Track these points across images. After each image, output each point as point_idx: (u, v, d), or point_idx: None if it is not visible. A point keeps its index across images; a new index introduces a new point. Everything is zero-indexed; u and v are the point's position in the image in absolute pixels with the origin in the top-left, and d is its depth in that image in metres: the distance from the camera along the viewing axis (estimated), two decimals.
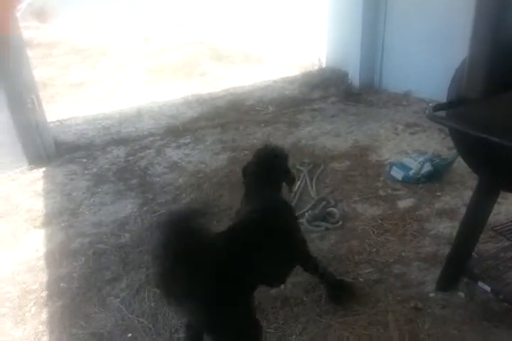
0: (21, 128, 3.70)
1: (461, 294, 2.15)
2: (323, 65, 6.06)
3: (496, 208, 2.12)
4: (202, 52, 7.82)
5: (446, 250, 2.46)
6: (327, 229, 2.81)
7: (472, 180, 3.15)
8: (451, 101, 1.75)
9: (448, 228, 2.69)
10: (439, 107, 1.72)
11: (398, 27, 4.98)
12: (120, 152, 4.13)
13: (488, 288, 1.94)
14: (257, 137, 4.29)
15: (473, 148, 1.75)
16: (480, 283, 1.98)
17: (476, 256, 2.24)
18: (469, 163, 1.86)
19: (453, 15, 4.33)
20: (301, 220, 2.87)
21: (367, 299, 2.21)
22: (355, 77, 5.43)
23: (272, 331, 2.09)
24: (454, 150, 3.53)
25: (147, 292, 2.40)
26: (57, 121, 4.68)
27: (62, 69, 6.98)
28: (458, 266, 2.08)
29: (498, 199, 2.09)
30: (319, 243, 2.70)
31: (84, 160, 3.98)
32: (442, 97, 4.91)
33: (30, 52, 3.97)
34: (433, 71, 4.63)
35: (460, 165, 3.35)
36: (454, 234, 2.56)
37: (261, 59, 7.11)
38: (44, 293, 2.45)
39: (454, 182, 3.17)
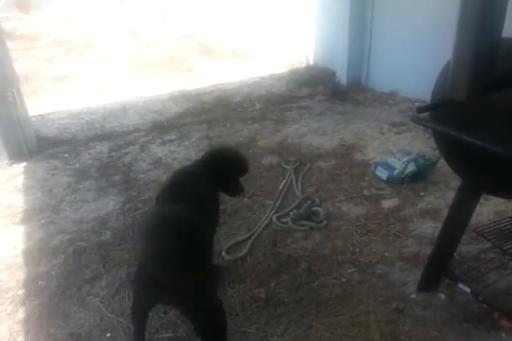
0: (1, 123, 3.61)
1: (442, 295, 2.16)
2: (311, 63, 6.05)
3: (477, 209, 2.14)
4: (189, 47, 7.73)
5: (428, 250, 2.48)
6: (311, 228, 2.81)
7: (455, 181, 3.16)
8: (434, 103, 1.74)
9: (430, 228, 2.71)
10: (423, 109, 1.72)
11: (385, 26, 4.99)
12: (103, 148, 4.06)
13: (468, 290, 1.96)
14: (244, 134, 4.26)
15: (456, 150, 1.75)
16: (460, 285, 1.99)
17: (457, 257, 2.26)
18: (451, 164, 1.87)
19: (440, 14, 4.33)
20: (285, 219, 2.87)
21: (349, 300, 2.21)
22: (342, 76, 5.43)
23: (254, 331, 2.08)
24: (438, 151, 3.59)
25: (127, 291, 2.36)
26: (39, 115, 4.57)
27: (44, 62, 6.82)
28: (439, 267, 2.09)
29: (480, 201, 2.11)
30: (303, 242, 2.69)
31: (67, 155, 3.90)
32: (428, 97, 4.95)
33: (11, 44, 3.89)
34: (420, 70, 4.65)
35: (444, 165, 3.36)
36: (437, 234, 2.59)
37: (248, 55, 7.06)
38: (21, 292, 2.40)
39: (437, 183, 3.19)
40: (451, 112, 1.68)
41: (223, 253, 2.60)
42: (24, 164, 3.73)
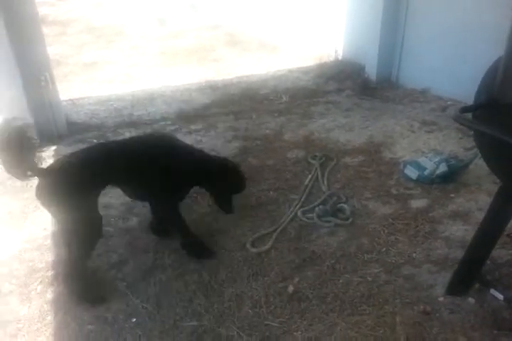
0: (34, 106, 3.67)
1: (471, 300, 2.11)
2: (340, 57, 5.95)
3: None
4: (216, 37, 7.71)
5: (457, 253, 2.44)
6: (337, 225, 2.78)
7: (488, 184, 3.11)
8: (479, 104, 1.69)
9: (461, 231, 2.65)
10: (466, 109, 1.66)
11: (419, 22, 4.86)
12: (131, 135, 4.09)
13: (500, 296, 1.91)
14: (270, 127, 4.24)
15: (499, 153, 1.69)
16: (492, 291, 1.95)
17: (489, 262, 2.20)
18: (492, 166, 1.81)
19: (477, 12, 4.22)
20: (310, 215, 2.85)
21: (374, 299, 2.18)
22: (371, 71, 5.33)
23: (277, 325, 2.07)
24: (471, 152, 3.50)
25: (153, 277, 2.39)
26: (70, 100, 4.63)
27: (75, 47, 6.91)
28: (471, 271, 2.04)
29: None
30: (328, 238, 2.67)
31: (95, 140, 3.94)
32: (461, 96, 4.82)
33: (44, 30, 3.90)
34: (453, 69, 4.54)
35: (476, 167, 3.30)
36: (467, 237, 2.55)
37: (276, 47, 7.00)
38: (50, 273, 2.45)
39: (469, 185, 3.11)
40: (496, 113, 1.62)
41: (248, 245, 2.60)
42: (54, 147, 3.79)
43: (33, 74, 3.61)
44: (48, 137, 3.83)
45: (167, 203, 2.48)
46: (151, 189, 2.40)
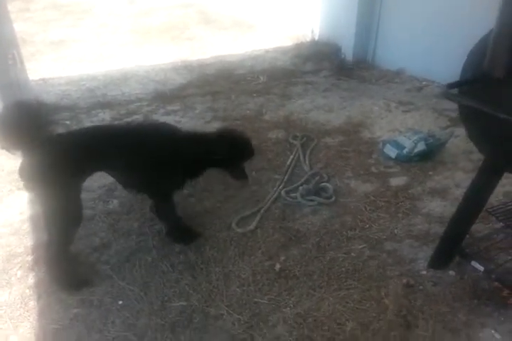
0: (1, 86, 3.48)
1: (452, 273, 2.19)
2: (316, 37, 5.91)
3: None
4: (189, 15, 7.51)
5: (437, 229, 2.51)
6: (320, 204, 2.81)
7: (464, 161, 3.20)
8: (466, 79, 1.70)
9: (439, 207, 2.73)
10: (453, 85, 1.68)
11: (395, 2, 4.87)
12: (106, 116, 3.97)
13: (481, 268, 1.99)
14: (249, 107, 4.19)
15: (484, 127, 1.73)
16: (473, 263, 2.02)
17: (468, 236, 2.27)
18: (477, 141, 1.84)
19: None
20: (294, 194, 2.86)
21: (360, 274, 2.23)
22: (348, 52, 5.34)
23: (266, 302, 2.09)
24: (447, 131, 3.58)
25: (138, 260, 2.35)
26: (40, 80, 4.43)
27: (41, 25, 6.59)
28: (452, 245, 2.11)
29: None
30: (312, 217, 2.69)
31: (68, 122, 3.81)
32: (435, 76, 4.90)
33: None
34: (427, 50, 4.59)
35: (452, 145, 3.39)
36: (445, 213, 2.64)
37: (251, 26, 6.89)
38: (30, 257, 2.38)
39: (446, 163, 3.19)
40: (483, 89, 1.64)
41: (233, 225, 2.59)
42: None
43: (0, 52, 3.41)
44: None
45: (167, 193, 2.38)
46: (159, 176, 2.24)
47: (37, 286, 2.18)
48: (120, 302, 2.11)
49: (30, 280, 2.23)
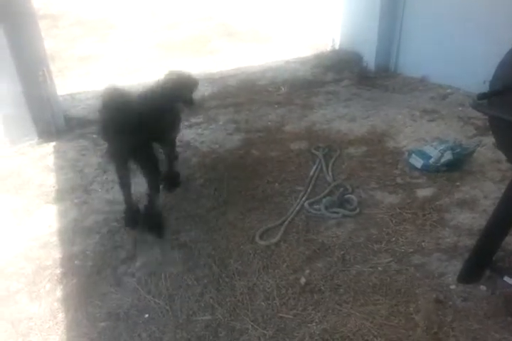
0: (32, 101, 3.60)
1: (483, 287, 2.12)
2: (337, 47, 5.90)
3: None
4: (211, 29, 7.61)
5: (466, 241, 2.45)
6: (344, 216, 2.77)
7: (492, 171, 3.12)
8: (496, 90, 1.67)
9: (468, 219, 2.65)
10: (483, 96, 1.65)
11: (418, 9, 4.82)
12: None
13: None
14: (271, 119, 4.20)
15: None
16: (506, 278, 1.95)
17: (499, 249, 2.20)
18: (509, 154, 1.79)
19: (475, 0, 4.19)
20: (317, 206, 2.84)
21: (387, 289, 2.18)
22: (370, 60, 5.30)
23: (291, 317, 2.07)
24: (474, 139, 3.51)
25: (163, 273, 2.37)
26: (67, 95, 4.56)
27: (68, 41, 6.79)
28: (483, 259, 2.05)
29: None
30: (337, 230, 2.66)
31: (95, 136, 3.89)
32: (460, 83, 4.82)
33: None
34: (452, 56, 4.52)
35: (479, 154, 3.31)
36: (474, 225, 2.57)
37: (271, 37, 6.93)
38: (58, 270, 2.43)
39: (473, 172, 3.11)
40: None
41: (257, 238, 2.59)
42: (53, 143, 3.74)
43: (31, 69, 3.54)
44: (47, 133, 3.78)
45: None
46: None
47: (65, 299, 2.23)
48: (146, 315, 2.13)
49: (59, 293, 2.27)
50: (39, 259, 2.51)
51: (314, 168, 3.31)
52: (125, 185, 2.64)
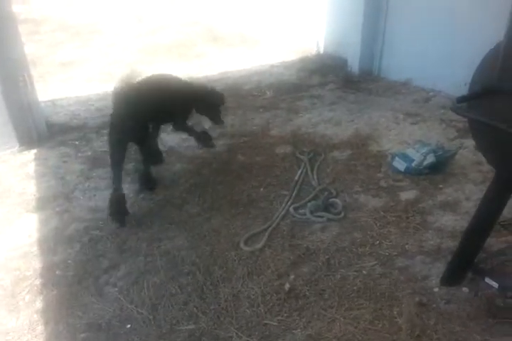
0: (12, 108, 3.54)
1: (466, 289, 2.13)
2: (322, 51, 5.94)
3: None
4: (196, 33, 7.60)
5: (449, 243, 2.46)
6: (329, 220, 2.77)
7: (473, 173, 3.14)
8: (475, 93, 1.68)
9: (451, 221, 2.67)
10: (463, 99, 1.66)
11: (400, 14, 4.87)
12: None
13: (495, 284, 1.93)
14: (256, 123, 4.20)
15: (496, 143, 1.69)
16: (487, 279, 1.96)
17: (481, 251, 2.21)
18: (488, 156, 1.81)
19: (457, 3, 4.25)
20: (302, 210, 2.84)
21: (371, 293, 2.18)
22: (354, 64, 5.34)
23: (276, 324, 2.05)
24: (455, 142, 3.54)
25: (146, 282, 2.34)
26: (49, 101, 4.50)
27: (50, 47, 6.72)
28: (465, 261, 2.05)
29: None
30: (321, 234, 2.66)
31: (77, 142, 3.85)
32: (442, 87, 4.86)
33: None
34: (434, 59, 4.57)
35: (461, 157, 3.34)
36: (457, 227, 2.58)
37: (257, 41, 6.94)
38: (38, 281, 2.38)
39: (456, 175, 3.14)
40: (492, 103, 1.61)
41: (241, 244, 2.57)
42: (35, 151, 3.68)
43: (11, 74, 3.49)
44: (28, 140, 3.72)
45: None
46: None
47: (45, 311, 2.18)
48: (128, 325, 2.10)
49: (38, 304, 2.22)
50: (19, 270, 2.45)
51: (299, 172, 3.31)
52: (118, 164, 2.78)
